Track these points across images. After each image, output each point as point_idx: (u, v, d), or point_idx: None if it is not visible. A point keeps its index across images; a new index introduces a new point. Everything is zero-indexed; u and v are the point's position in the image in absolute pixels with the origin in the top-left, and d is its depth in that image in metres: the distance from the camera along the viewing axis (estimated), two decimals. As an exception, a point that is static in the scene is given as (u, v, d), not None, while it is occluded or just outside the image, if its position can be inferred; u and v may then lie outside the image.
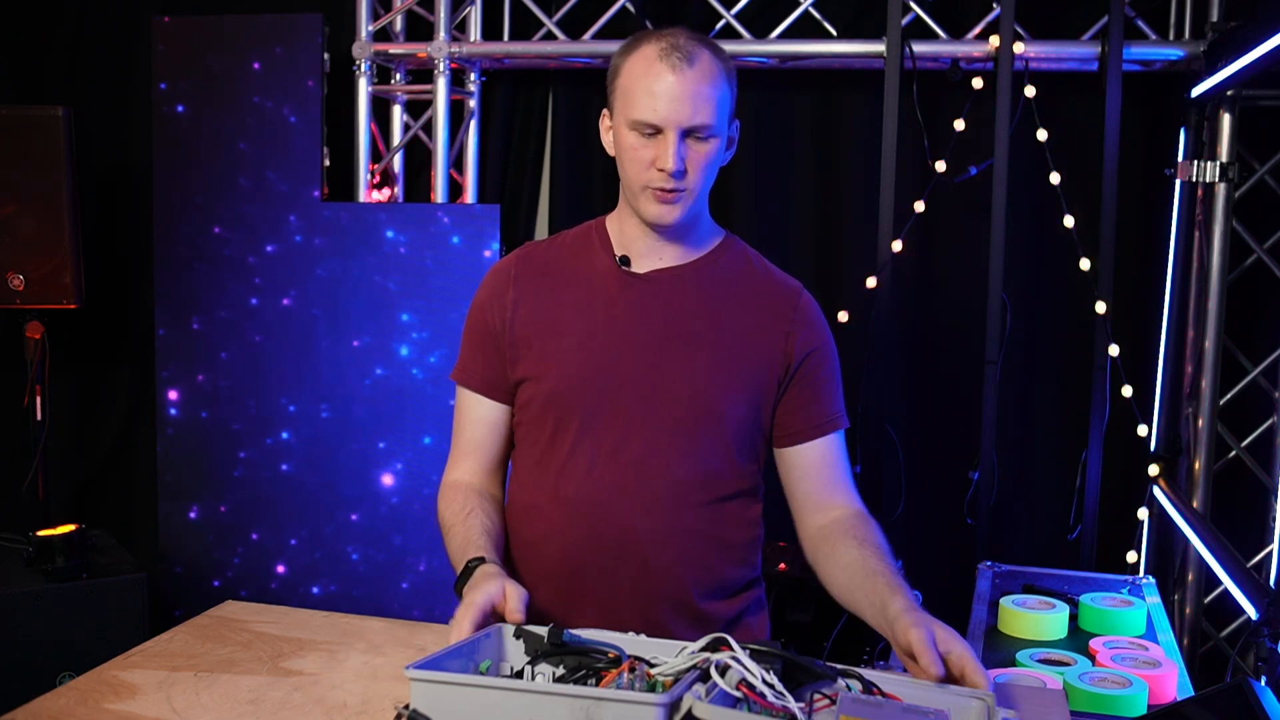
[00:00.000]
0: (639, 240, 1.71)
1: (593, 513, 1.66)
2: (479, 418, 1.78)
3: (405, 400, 3.35)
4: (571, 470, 1.69)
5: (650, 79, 1.57)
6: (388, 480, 3.38)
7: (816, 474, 1.75)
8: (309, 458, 3.42)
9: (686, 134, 1.58)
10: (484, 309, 1.77)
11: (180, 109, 3.44)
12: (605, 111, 1.69)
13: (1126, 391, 3.12)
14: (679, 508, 1.67)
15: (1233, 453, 3.18)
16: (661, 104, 1.56)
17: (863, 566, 1.58)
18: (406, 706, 1.18)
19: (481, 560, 1.56)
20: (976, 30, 3.21)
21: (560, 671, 1.32)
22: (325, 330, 3.39)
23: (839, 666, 1.29)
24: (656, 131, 1.58)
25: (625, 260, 1.72)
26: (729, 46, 3.30)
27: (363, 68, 3.53)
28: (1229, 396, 3.20)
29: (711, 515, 1.70)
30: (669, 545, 1.67)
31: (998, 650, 2.23)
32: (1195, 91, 3.03)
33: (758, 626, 1.79)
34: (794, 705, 1.17)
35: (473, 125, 3.58)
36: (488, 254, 3.28)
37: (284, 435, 3.43)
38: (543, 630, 1.35)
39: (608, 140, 1.69)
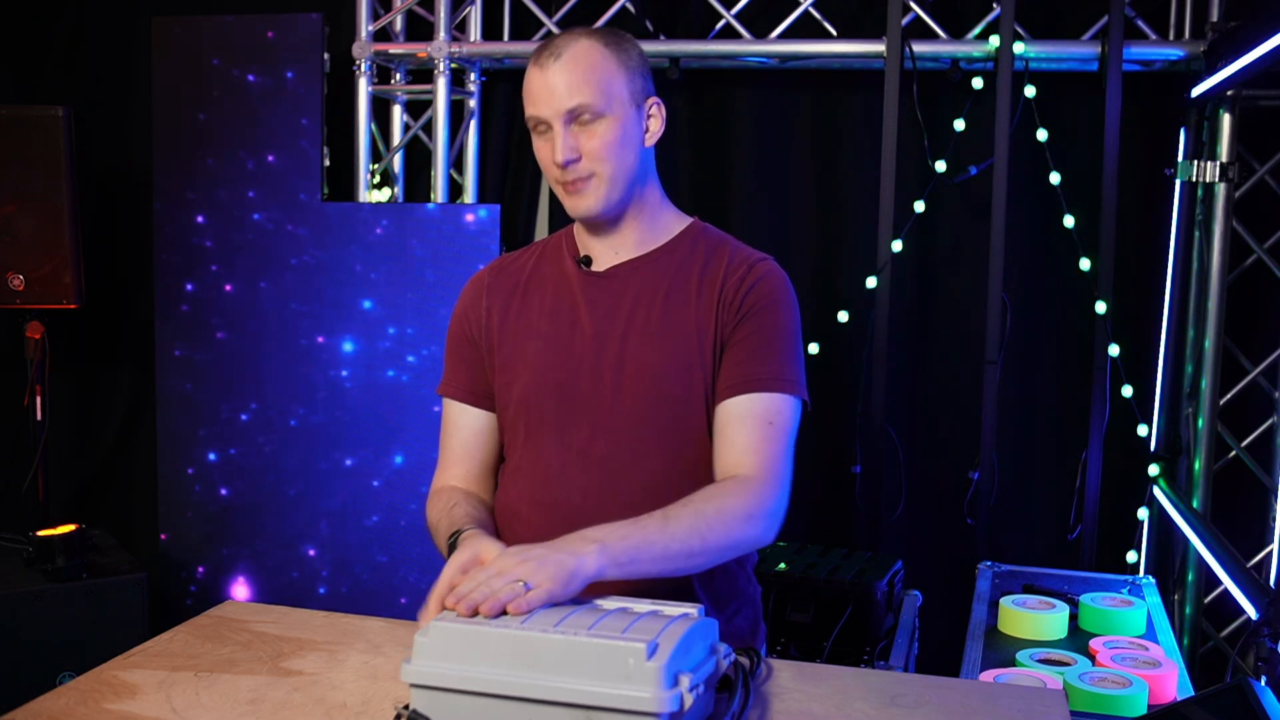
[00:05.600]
0: (593, 240, 1.72)
1: (570, 515, 1.59)
2: (465, 426, 1.77)
3: (405, 400, 3.35)
4: (545, 473, 1.67)
5: (527, 83, 1.62)
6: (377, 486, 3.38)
7: (720, 434, 1.63)
8: (309, 451, 3.43)
9: (573, 121, 1.59)
10: (462, 320, 1.78)
11: (180, 109, 3.43)
12: None
13: (1126, 391, 3.12)
14: (653, 504, 1.57)
15: (1233, 453, 3.18)
16: (537, 99, 1.60)
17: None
18: (406, 706, 1.18)
19: (461, 531, 1.54)
20: (977, 30, 3.21)
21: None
22: (322, 330, 3.39)
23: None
24: (548, 129, 1.61)
25: (586, 260, 1.72)
26: (729, 47, 3.31)
27: (363, 68, 3.53)
28: (1229, 396, 3.20)
29: None
30: None
31: (998, 650, 2.23)
32: (1195, 91, 3.03)
33: (749, 630, 1.74)
34: None
35: (473, 125, 3.58)
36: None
37: (275, 436, 3.43)
38: None
39: None
